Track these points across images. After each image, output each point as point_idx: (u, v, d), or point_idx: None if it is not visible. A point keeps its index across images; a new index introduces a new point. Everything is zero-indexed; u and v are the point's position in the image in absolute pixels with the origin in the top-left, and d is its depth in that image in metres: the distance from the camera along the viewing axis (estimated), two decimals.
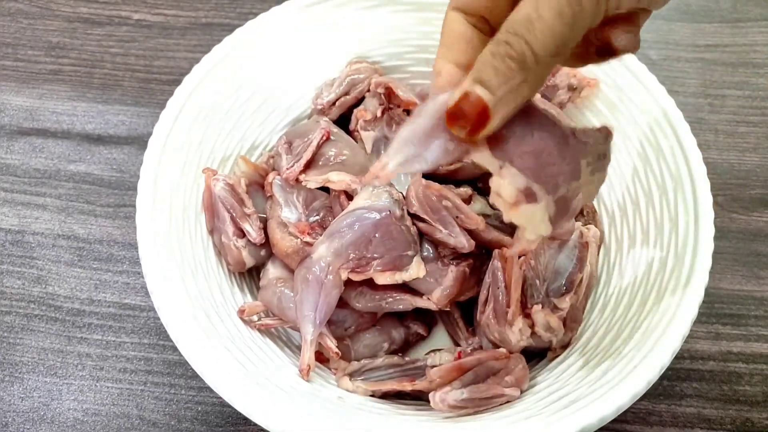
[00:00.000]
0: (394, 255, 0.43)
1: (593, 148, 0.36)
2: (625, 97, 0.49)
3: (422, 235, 0.45)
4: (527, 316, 0.43)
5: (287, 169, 0.47)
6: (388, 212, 0.44)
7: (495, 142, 0.33)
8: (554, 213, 0.35)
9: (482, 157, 0.33)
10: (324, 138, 0.48)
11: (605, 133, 0.37)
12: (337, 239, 0.43)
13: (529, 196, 0.34)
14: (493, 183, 0.34)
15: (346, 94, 0.52)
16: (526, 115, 0.33)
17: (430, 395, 0.41)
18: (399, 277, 0.43)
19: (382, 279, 0.43)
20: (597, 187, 0.37)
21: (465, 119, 0.30)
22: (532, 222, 0.35)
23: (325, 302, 0.43)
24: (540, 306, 0.43)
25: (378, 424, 0.40)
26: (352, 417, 0.41)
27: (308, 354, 0.42)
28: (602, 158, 0.36)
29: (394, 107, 0.48)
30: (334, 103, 0.52)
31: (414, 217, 0.45)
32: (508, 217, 0.35)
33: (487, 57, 0.29)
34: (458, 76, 0.32)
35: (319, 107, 0.51)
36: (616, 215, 0.49)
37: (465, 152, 0.33)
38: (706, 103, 0.65)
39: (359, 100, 0.52)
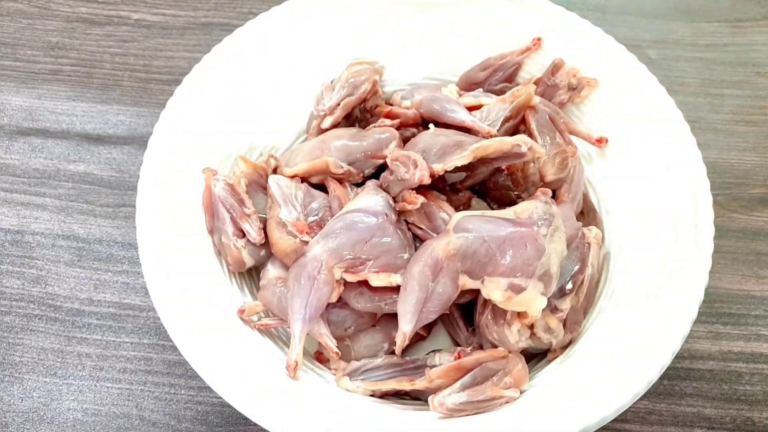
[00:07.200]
0: (389, 257, 0.43)
1: (540, 221, 0.41)
2: (625, 97, 0.49)
3: (416, 237, 0.45)
4: (526, 316, 0.43)
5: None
6: (384, 215, 0.44)
7: (469, 274, 0.40)
8: (543, 287, 0.40)
9: (465, 284, 0.41)
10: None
11: (543, 200, 0.43)
12: (332, 239, 0.43)
13: (514, 288, 0.40)
14: (483, 293, 0.41)
15: (350, 95, 0.51)
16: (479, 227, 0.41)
17: (429, 399, 0.41)
18: (393, 279, 0.43)
19: (376, 280, 0.43)
20: (563, 241, 0.42)
21: None
22: (528, 305, 0.40)
23: (316, 298, 0.42)
24: None
25: (378, 424, 0.40)
26: (352, 417, 0.41)
27: (296, 350, 0.41)
28: (550, 220, 0.42)
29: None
30: (337, 105, 0.51)
31: (409, 223, 0.45)
32: (506, 308, 0.41)
33: None
34: None
35: (321, 113, 0.51)
36: (616, 215, 0.49)
37: (455, 290, 0.41)
38: (705, 102, 0.65)
39: (362, 101, 0.52)
